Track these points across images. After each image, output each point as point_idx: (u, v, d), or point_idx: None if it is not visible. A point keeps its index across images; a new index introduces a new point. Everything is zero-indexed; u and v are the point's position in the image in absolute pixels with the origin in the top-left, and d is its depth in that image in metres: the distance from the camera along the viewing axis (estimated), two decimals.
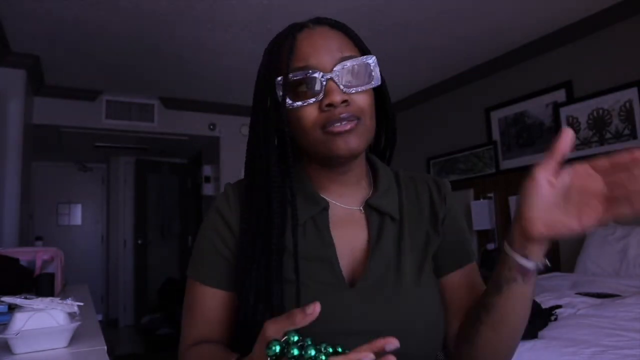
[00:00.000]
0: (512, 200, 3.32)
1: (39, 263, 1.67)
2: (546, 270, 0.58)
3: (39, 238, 3.65)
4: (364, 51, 0.69)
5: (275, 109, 0.67)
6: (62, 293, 1.66)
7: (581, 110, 3.07)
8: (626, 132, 2.83)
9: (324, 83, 0.63)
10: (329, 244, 0.67)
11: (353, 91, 0.64)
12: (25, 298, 0.83)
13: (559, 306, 1.78)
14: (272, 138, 0.68)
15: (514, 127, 3.55)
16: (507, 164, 3.59)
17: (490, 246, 3.55)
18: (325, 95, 0.63)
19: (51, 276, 1.51)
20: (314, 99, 0.64)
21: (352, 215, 0.72)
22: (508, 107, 3.60)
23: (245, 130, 5.33)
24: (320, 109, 0.64)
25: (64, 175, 6.07)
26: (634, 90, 2.79)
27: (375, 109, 0.69)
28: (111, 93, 4.16)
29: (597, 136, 2.98)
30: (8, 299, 0.84)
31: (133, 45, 3.17)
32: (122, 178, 5.89)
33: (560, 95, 3.23)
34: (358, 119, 0.64)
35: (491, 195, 3.63)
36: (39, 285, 1.45)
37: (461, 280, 0.73)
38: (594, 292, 2.08)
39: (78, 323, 0.82)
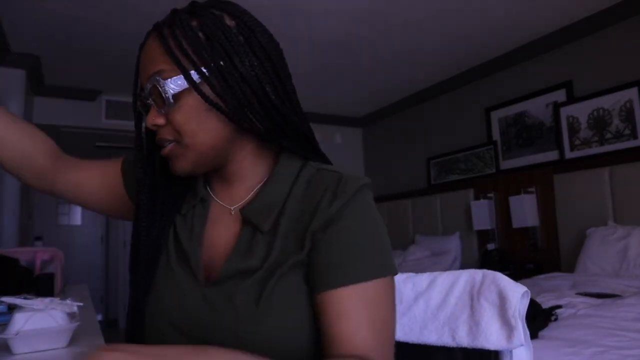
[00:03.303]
0: (512, 200, 3.32)
1: (38, 263, 1.67)
2: None
3: (38, 238, 3.65)
4: (175, 60, 0.58)
5: None
6: (62, 293, 1.66)
7: (581, 110, 3.07)
8: (626, 132, 2.83)
9: (147, 104, 0.61)
10: (197, 236, 0.66)
11: (163, 112, 0.60)
12: (25, 298, 0.83)
13: (559, 306, 1.78)
14: (144, 146, 0.68)
15: (514, 127, 3.55)
16: (507, 164, 3.58)
17: (491, 246, 3.55)
18: None
19: (51, 276, 1.50)
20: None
21: (225, 215, 0.67)
22: (508, 107, 3.60)
23: None
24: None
25: None
26: (634, 90, 2.79)
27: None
28: (111, 93, 4.15)
29: (598, 136, 2.98)
30: (8, 299, 0.83)
31: (133, 45, 3.15)
32: None
33: (560, 95, 3.23)
34: (175, 140, 0.61)
35: (491, 195, 3.63)
36: (38, 285, 1.45)
37: (331, 304, 0.57)
38: (594, 292, 2.08)
39: (78, 323, 0.82)
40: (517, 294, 0.77)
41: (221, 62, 0.58)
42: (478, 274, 0.82)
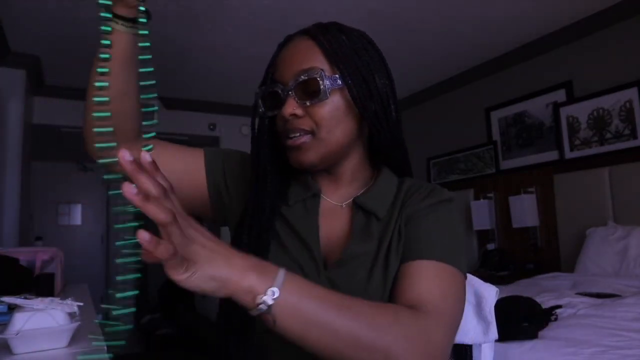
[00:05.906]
0: (512, 200, 3.32)
1: (38, 263, 1.67)
2: None
3: (39, 238, 3.64)
4: (334, 62, 0.67)
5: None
6: (62, 293, 1.66)
7: (581, 110, 3.07)
8: (626, 132, 2.83)
9: (283, 96, 0.67)
10: (314, 227, 0.71)
11: (307, 104, 0.66)
12: (25, 298, 0.83)
13: (559, 306, 1.78)
14: (265, 137, 0.73)
15: (514, 127, 3.55)
16: (507, 164, 3.58)
17: (490, 246, 3.55)
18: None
19: (51, 276, 1.50)
20: (278, 110, 0.69)
21: (336, 210, 0.75)
22: (508, 107, 3.59)
23: (246, 130, 5.33)
24: (282, 120, 0.69)
25: (64, 175, 6.07)
26: (634, 90, 2.79)
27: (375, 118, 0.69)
28: None
29: (597, 136, 2.98)
30: (8, 299, 0.84)
31: None
32: (121, 178, 5.88)
33: (560, 95, 3.23)
34: (312, 132, 0.67)
35: (491, 195, 3.63)
36: (38, 285, 1.45)
37: (412, 272, 0.66)
38: (594, 292, 2.08)
39: (78, 323, 0.82)
40: (492, 292, 0.81)
41: (365, 74, 0.68)
42: None
